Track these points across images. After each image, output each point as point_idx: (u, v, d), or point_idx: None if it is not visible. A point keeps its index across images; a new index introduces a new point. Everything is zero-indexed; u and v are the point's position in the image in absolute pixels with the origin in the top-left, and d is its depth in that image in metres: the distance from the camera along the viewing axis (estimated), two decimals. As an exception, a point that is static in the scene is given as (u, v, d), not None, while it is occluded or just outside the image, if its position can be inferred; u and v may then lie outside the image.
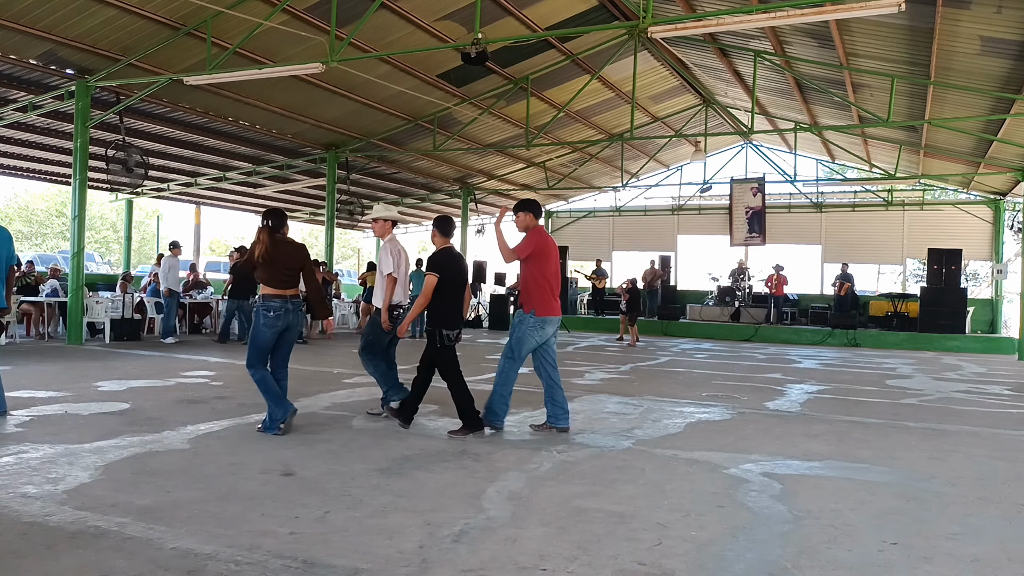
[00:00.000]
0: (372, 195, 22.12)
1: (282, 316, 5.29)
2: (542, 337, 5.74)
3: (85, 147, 11.86)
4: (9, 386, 7.05)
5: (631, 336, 15.75)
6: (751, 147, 21.85)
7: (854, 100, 13.95)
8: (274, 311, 5.26)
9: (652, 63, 15.62)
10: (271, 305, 5.26)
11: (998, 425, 6.67)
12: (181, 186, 19.51)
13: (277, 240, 5.34)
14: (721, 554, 3.10)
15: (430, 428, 5.72)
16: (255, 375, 5.31)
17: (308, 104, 14.26)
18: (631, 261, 24.80)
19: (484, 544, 3.14)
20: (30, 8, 9.60)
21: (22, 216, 38.37)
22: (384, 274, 6.02)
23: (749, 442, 5.50)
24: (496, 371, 5.80)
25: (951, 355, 15.70)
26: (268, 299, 5.28)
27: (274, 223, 5.38)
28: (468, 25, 11.67)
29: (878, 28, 10.54)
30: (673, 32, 9.00)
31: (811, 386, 9.20)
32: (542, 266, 5.72)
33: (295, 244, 5.54)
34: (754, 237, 20.89)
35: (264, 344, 5.32)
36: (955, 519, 3.72)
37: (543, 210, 5.91)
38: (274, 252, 5.27)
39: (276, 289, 5.29)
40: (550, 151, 19.64)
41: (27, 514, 3.35)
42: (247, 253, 5.48)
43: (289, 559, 2.90)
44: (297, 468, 4.34)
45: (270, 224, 5.35)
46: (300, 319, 5.33)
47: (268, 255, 5.24)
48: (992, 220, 20.57)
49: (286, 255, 5.37)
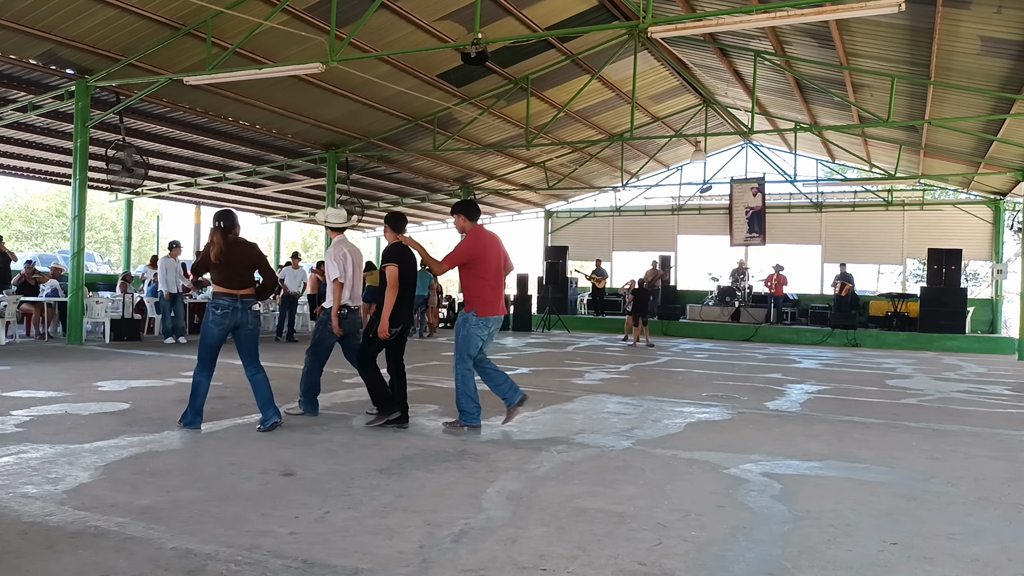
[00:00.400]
0: (372, 195, 22.15)
1: (230, 314, 5.38)
2: (487, 335, 5.81)
3: (85, 147, 11.86)
4: (9, 386, 7.07)
5: (636, 336, 15.61)
6: (751, 147, 21.85)
7: (854, 100, 13.95)
8: (222, 309, 5.36)
9: (652, 63, 15.62)
10: (220, 303, 5.37)
11: (998, 425, 6.67)
12: (181, 186, 19.51)
13: (230, 240, 5.43)
14: (721, 554, 3.10)
15: (430, 428, 5.71)
16: (195, 376, 5.45)
17: (308, 104, 14.26)
18: (631, 261, 24.82)
19: (484, 544, 3.14)
20: (30, 8, 9.60)
21: (22, 216, 38.37)
22: (331, 280, 6.08)
23: (749, 442, 5.50)
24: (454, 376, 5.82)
25: (951, 355, 15.70)
26: (218, 297, 5.40)
27: (226, 224, 5.46)
28: (468, 25, 11.67)
29: (878, 28, 10.54)
30: (673, 32, 9.00)
31: (811, 386, 9.20)
32: (481, 267, 5.73)
33: (247, 243, 5.64)
34: (754, 237, 20.89)
35: (212, 341, 5.42)
36: (955, 519, 3.72)
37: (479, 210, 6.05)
38: (228, 252, 5.38)
39: (228, 288, 5.39)
40: (550, 151, 19.64)
41: (27, 514, 3.35)
42: (201, 255, 5.62)
43: (289, 559, 2.90)
44: (297, 468, 4.34)
45: (222, 225, 5.44)
46: (250, 317, 5.47)
47: (223, 256, 5.34)
48: (992, 220, 20.57)
49: (239, 255, 5.47)
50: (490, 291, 5.74)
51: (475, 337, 5.70)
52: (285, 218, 26.18)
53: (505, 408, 5.87)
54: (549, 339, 16.94)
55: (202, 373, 5.44)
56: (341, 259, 6.06)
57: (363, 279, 6.61)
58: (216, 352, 5.48)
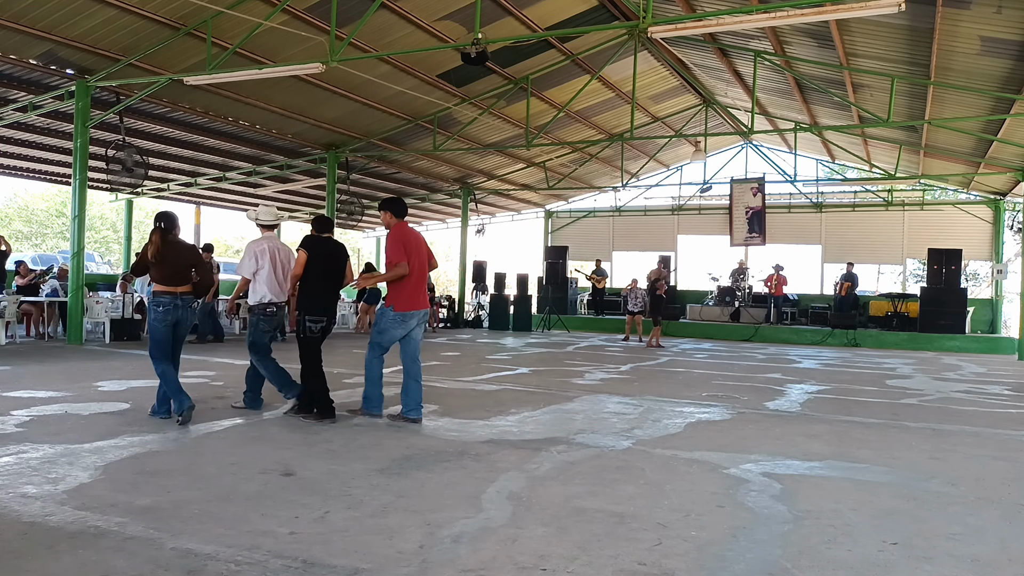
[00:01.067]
0: (372, 195, 22.12)
1: (171, 311, 5.70)
2: (405, 330, 5.95)
3: (85, 147, 11.85)
4: (9, 386, 7.07)
5: (653, 336, 15.48)
6: (751, 147, 21.85)
7: (854, 100, 13.95)
8: (163, 306, 5.68)
9: (652, 63, 15.62)
10: (161, 301, 5.68)
11: (998, 425, 6.67)
12: (181, 186, 19.51)
13: (168, 241, 5.74)
14: (721, 554, 3.10)
15: (430, 428, 5.71)
16: (157, 368, 5.70)
17: (308, 104, 14.25)
18: (631, 261, 24.83)
19: (484, 544, 3.14)
20: (30, 8, 9.60)
21: (22, 216, 38.33)
22: (239, 275, 6.25)
23: (749, 442, 5.50)
24: None
25: (951, 355, 15.71)
26: (159, 295, 5.71)
27: (166, 225, 5.78)
28: (468, 25, 11.67)
29: (878, 28, 10.55)
30: (673, 32, 9.00)
31: (811, 386, 9.20)
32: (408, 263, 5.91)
33: (185, 244, 5.99)
34: (754, 237, 20.89)
35: (161, 336, 5.72)
36: (955, 519, 3.72)
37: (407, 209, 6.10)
38: (165, 252, 5.70)
39: (167, 286, 5.71)
40: (550, 151, 19.63)
41: (27, 514, 3.35)
42: (140, 255, 6.01)
43: (289, 559, 2.90)
44: (297, 468, 4.34)
45: (162, 226, 5.75)
46: (190, 315, 5.84)
47: (160, 255, 5.67)
48: (992, 220, 20.57)
49: (176, 254, 5.79)
50: (410, 287, 5.90)
51: (390, 331, 5.92)
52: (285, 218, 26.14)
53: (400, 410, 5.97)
54: (549, 339, 16.95)
55: (160, 366, 5.70)
56: (260, 253, 6.17)
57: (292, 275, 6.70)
58: (168, 347, 5.77)
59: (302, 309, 5.91)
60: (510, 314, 20.22)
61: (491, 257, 23.52)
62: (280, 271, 6.20)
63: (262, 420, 5.86)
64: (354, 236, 39.02)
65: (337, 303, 6.20)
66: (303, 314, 5.90)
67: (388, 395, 6.24)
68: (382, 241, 31.08)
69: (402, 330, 5.93)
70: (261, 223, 6.41)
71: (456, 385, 8.29)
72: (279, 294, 6.20)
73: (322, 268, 5.89)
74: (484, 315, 21.50)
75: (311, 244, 5.91)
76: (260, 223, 6.42)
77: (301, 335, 5.93)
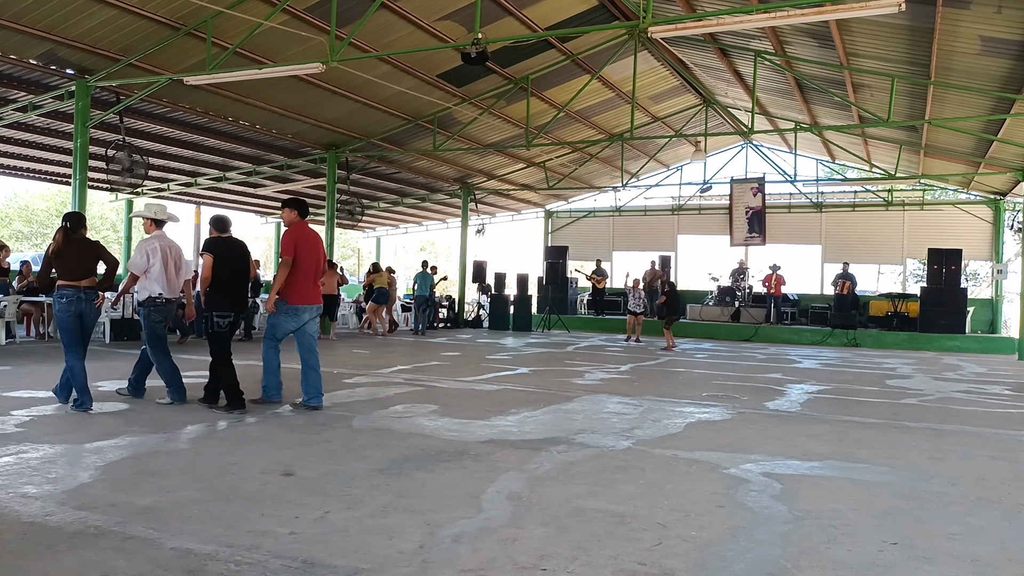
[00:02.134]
0: (372, 195, 22.14)
1: (74, 303, 5.99)
2: (298, 323, 6.37)
3: (85, 147, 11.85)
4: (9, 386, 7.06)
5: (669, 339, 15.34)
6: (751, 147, 21.84)
7: (854, 100, 13.95)
8: (67, 298, 5.97)
9: (652, 63, 15.62)
10: (65, 293, 5.98)
11: (998, 425, 6.67)
12: (181, 186, 19.50)
13: (72, 239, 6.09)
14: (721, 554, 3.10)
15: (430, 428, 5.71)
16: (68, 361, 5.99)
17: (308, 104, 14.25)
18: (631, 261, 24.84)
19: (484, 544, 3.14)
20: (30, 8, 9.59)
21: (22, 216, 38.31)
22: (129, 271, 6.48)
23: (749, 442, 5.50)
24: None
25: (951, 355, 15.70)
26: (62, 288, 6.01)
27: (71, 224, 6.15)
28: (468, 25, 11.67)
29: (878, 28, 10.54)
30: (673, 32, 9.00)
31: (811, 386, 9.20)
32: (300, 259, 6.28)
33: (90, 242, 6.32)
34: (754, 237, 20.88)
35: (66, 327, 6.01)
36: (955, 519, 3.72)
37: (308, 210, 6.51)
38: (66, 249, 6.04)
39: (70, 280, 6.01)
40: (550, 151, 19.62)
41: (27, 514, 3.35)
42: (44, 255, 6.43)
43: (289, 559, 2.90)
44: (297, 468, 4.34)
45: (67, 226, 6.12)
46: (92, 308, 6.13)
47: (60, 251, 6.04)
48: (992, 220, 20.56)
49: (78, 251, 6.11)
50: (302, 282, 6.30)
51: (283, 324, 6.37)
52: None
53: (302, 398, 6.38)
54: (549, 339, 16.95)
55: (74, 358, 5.96)
56: (152, 252, 6.38)
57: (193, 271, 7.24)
58: (76, 336, 6.03)
59: (210, 306, 6.22)
60: (510, 314, 20.22)
61: (491, 257, 23.51)
62: (172, 268, 6.49)
63: (262, 420, 5.86)
64: (354, 236, 39.06)
65: (245, 299, 6.54)
66: (211, 311, 6.21)
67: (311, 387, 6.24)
68: (382, 241, 31.06)
69: (295, 323, 6.35)
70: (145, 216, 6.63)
71: (456, 385, 8.30)
72: (170, 290, 6.47)
73: (227, 267, 6.22)
74: (484, 315, 21.50)
75: (214, 246, 6.25)
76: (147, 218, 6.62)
77: (210, 330, 6.25)
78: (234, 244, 6.41)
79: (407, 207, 24.13)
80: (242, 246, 6.50)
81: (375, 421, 5.93)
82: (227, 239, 6.37)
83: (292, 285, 6.27)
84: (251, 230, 40.55)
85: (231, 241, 6.40)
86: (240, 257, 6.38)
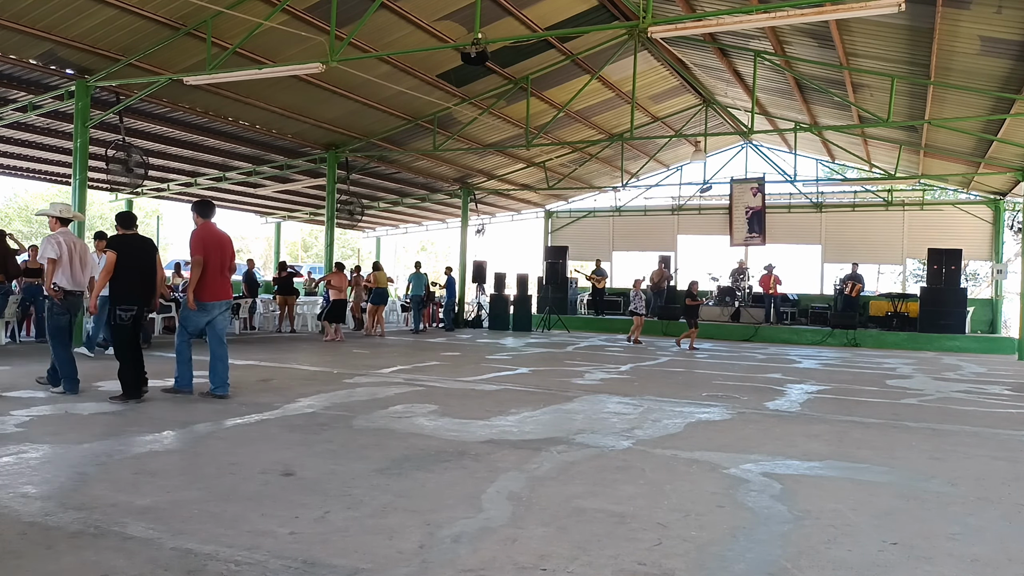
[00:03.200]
0: (372, 195, 22.14)
1: None
2: (208, 317, 6.80)
3: (85, 147, 11.84)
4: (9, 386, 7.07)
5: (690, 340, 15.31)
6: (751, 147, 21.85)
7: (854, 100, 13.95)
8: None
9: (652, 63, 15.62)
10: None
11: (998, 425, 6.67)
12: (181, 186, 19.50)
13: None
14: (721, 554, 3.10)
15: (430, 428, 5.71)
16: None
17: (308, 104, 14.25)
18: (631, 261, 24.83)
19: (484, 544, 3.14)
20: (30, 8, 9.59)
21: (22, 216, 38.32)
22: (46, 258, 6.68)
23: (749, 442, 5.50)
24: None
25: (951, 355, 15.70)
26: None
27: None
28: (468, 25, 11.67)
29: (878, 28, 10.54)
30: (673, 32, 9.00)
31: (811, 386, 9.20)
32: (207, 257, 6.69)
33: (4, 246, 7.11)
34: (754, 237, 20.88)
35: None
36: (955, 519, 3.72)
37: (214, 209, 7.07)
38: None
39: None
40: (550, 151, 19.63)
41: (27, 514, 3.35)
42: None
43: (289, 559, 2.90)
44: (297, 468, 4.34)
45: None
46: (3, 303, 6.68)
47: None
48: (992, 220, 20.56)
49: None
50: (211, 279, 6.70)
51: (193, 319, 6.79)
52: (285, 218, 26.17)
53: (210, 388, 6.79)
54: (549, 339, 16.95)
55: None
56: (58, 244, 6.70)
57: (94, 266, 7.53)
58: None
59: (114, 300, 6.52)
60: (510, 314, 20.22)
61: (491, 257, 23.50)
62: (77, 262, 6.77)
63: (262, 420, 5.86)
64: (354, 236, 39.04)
65: (150, 294, 6.76)
66: (115, 304, 6.50)
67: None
68: (382, 241, 31.05)
69: (205, 317, 6.78)
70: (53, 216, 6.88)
71: (456, 385, 8.30)
72: (73, 283, 6.73)
73: (131, 263, 6.51)
74: (484, 315, 21.50)
75: (118, 243, 6.54)
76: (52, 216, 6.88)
77: (113, 323, 6.57)
78: (138, 240, 6.71)
79: (407, 207, 24.12)
80: (148, 243, 6.86)
81: (375, 421, 5.93)
82: (132, 236, 6.67)
83: (202, 283, 6.65)
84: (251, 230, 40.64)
85: (136, 238, 6.71)
86: (144, 253, 6.68)
